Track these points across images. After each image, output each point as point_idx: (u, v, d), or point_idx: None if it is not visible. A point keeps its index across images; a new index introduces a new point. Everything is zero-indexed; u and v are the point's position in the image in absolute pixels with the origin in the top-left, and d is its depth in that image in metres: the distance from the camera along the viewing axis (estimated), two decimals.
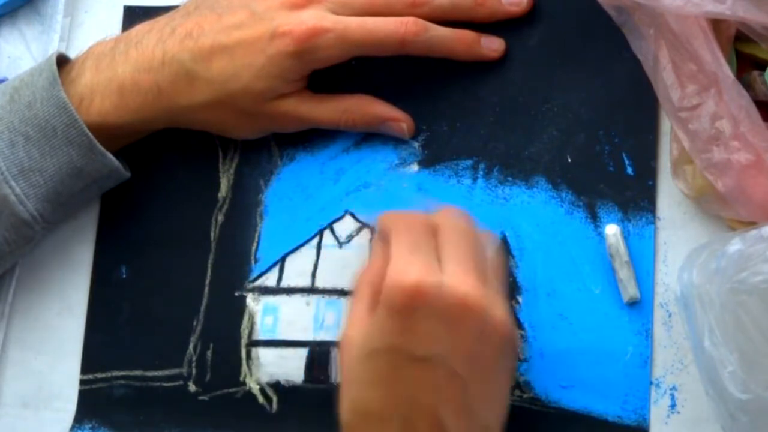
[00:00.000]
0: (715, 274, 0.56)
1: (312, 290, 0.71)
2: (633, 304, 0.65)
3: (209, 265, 0.72)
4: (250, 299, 0.71)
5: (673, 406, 0.64)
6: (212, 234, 0.73)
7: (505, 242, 0.68)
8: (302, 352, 0.70)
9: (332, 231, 0.71)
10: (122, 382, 0.72)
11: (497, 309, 0.58)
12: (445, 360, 0.57)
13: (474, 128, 0.70)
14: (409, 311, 0.57)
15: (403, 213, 0.63)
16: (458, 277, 0.58)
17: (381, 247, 0.61)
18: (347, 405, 0.59)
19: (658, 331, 0.65)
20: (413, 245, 0.59)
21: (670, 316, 0.65)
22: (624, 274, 0.65)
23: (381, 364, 0.58)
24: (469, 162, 0.70)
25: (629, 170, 0.67)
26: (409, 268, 0.57)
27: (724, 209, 0.63)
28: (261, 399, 0.70)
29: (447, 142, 0.70)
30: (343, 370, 0.60)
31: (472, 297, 0.57)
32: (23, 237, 0.70)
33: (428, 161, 0.71)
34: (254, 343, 0.71)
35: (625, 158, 0.67)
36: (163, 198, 0.74)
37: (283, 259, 0.71)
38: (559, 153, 0.68)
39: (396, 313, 0.57)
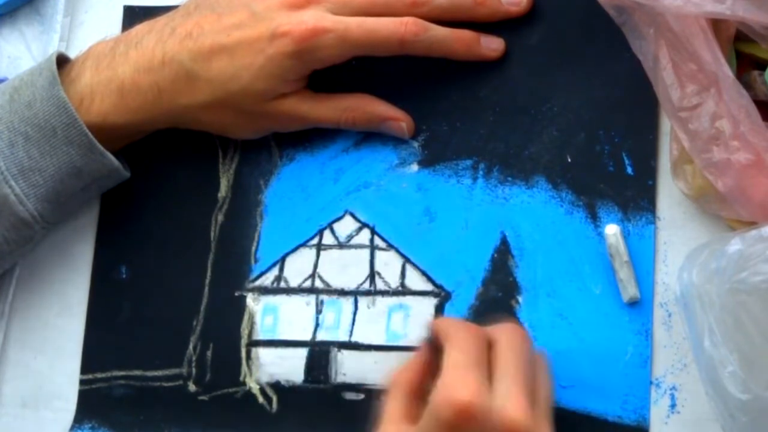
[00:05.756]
0: (715, 274, 0.56)
1: (312, 290, 0.71)
2: (633, 304, 0.65)
3: (209, 265, 0.72)
4: (250, 299, 0.71)
5: (673, 406, 0.64)
6: (212, 234, 0.73)
7: (505, 242, 0.68)
8: (302, 352, 0.70)
9: (332, 231, 0.71)
10: (122, 382, 0.72)
11: None
12: None
13: (474, 128, 0.70)
14: (457, 428, 0.56)
15: (460, 322, 0.63)
16: (509, 401, 0.57)
17: (428, 352, 0.61)
18: None
19: (658, 331, 0.65)
20: (468, 361, 0.58)
21: (670, 316, 0.65)
22: (624, 274, 0.65)
23: None
24: (469, 162, 0.70)
25: (629, 170, 0.67)
26: (462, 385, 0.57)
27: (724, 209, 0.63)
28: (261, 399, 0.70)
29: (447, 142, 0.70)
30: None
31: (520, 424, 0.56)
32: (23, 237, 0.70)
33: (428, 161, 0.71)
34: (254, 343, 0.71)
35: (625, 158, 0.67)
36: (163, 198, 0.74)
37: (283, 259, 0.71)
38: (559, 153, 0.68)
39: (443, 428, 0.56)
